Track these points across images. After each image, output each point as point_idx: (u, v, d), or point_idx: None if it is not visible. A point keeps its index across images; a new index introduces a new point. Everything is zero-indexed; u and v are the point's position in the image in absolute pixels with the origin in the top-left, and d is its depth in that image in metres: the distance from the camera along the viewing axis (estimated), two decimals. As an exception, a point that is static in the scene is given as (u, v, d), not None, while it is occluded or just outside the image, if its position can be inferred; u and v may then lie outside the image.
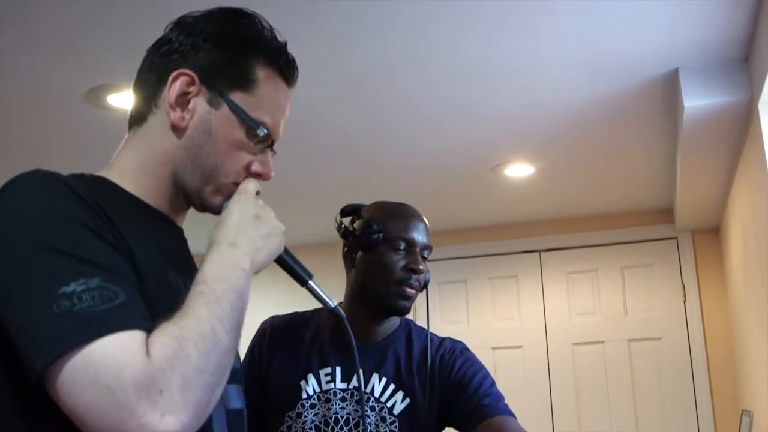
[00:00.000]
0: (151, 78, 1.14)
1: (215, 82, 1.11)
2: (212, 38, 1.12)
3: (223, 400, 1.11)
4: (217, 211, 1.15)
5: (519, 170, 4.02)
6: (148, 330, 0.90)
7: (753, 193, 3.02)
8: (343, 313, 1.34)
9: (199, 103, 1.11)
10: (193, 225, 1.25)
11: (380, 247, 1.78)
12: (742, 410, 3.81)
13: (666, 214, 4.88)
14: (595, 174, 4.15)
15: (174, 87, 1.10)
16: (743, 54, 2.73)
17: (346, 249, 1.85)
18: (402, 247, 1.78)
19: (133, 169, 1.12)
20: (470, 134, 3.51)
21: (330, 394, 1.77)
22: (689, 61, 2.78)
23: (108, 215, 0.98)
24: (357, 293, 1.82)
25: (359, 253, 1.81)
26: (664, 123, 3.37)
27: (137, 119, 1.15)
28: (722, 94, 2.80)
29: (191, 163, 1.12)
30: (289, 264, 1.26)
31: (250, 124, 1.12)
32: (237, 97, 1.12)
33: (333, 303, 1.31)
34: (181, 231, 1.18)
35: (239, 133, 1.12)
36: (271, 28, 1.18)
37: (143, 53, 1.18)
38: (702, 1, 2.37)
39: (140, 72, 1.17)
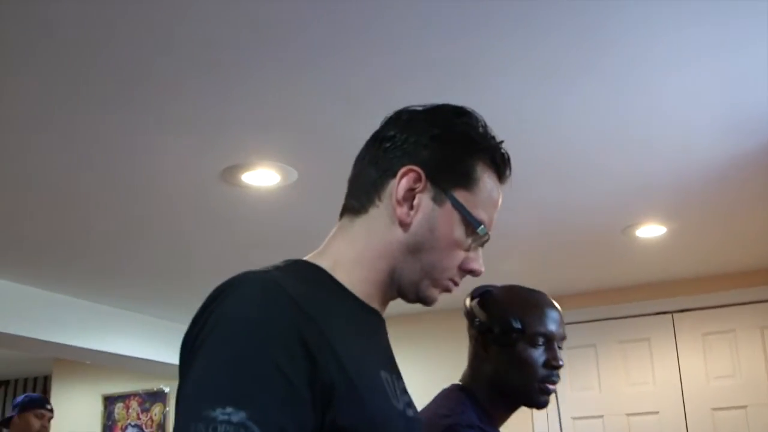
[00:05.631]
0: (372, 171, 1.15)
1: (439, 180, 1.13)
2: (437, 137, 1.14)
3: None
4: (431, 303, 1.16)
5: (650, 231, 3.93)
6: None
7: None
8: None
9: (424, 200, 1.12)
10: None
11: (519, 343, 1.75)
12: None
13: (807, 270, 4.66)
14: (730, 232, 4.01)
15: (402, 183, 1.11)
16: None
17: (480, 339, 1.81)
18: (541, 342, 1.76)
19: (350, 259, 1.13)
20: (601, 196, 3.46)
21: None
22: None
23: (320, 327, 0.98)
24: (496, 385, 1.78)
25: (494, 346, 1.78)
26: (806, 177, 3.24)
27: (356, 209, 1.16)
28: None
29: (411, 258, 1.13)
30: None
31: (471, 223, 1.14)
32: (459, 194, 1.13)
33: None
34: (384, 323, 1.18)
35: (459, 231, 1.14)
36: (485, 124, 1.19)
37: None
38: None
39: (359, 163, 1.19)
